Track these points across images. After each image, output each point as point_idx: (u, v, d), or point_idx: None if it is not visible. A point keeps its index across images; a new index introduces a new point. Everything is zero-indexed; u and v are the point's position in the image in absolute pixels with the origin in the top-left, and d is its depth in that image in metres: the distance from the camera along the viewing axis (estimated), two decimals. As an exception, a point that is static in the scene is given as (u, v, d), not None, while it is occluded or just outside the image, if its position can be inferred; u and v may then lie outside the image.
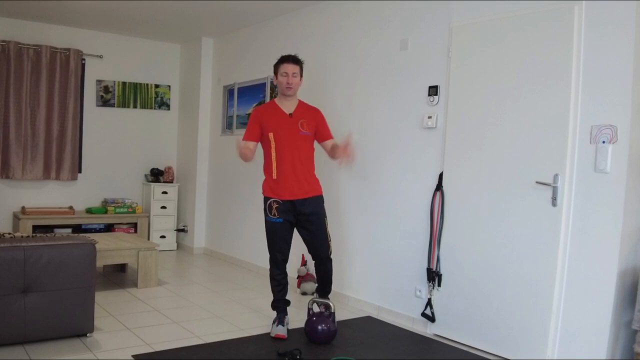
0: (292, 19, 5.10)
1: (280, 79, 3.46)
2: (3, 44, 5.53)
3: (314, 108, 3.65)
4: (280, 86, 3.49)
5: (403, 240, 3.89)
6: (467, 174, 3.45)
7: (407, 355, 3.22)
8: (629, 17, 2.72)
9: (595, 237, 2.84)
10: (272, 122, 3.46)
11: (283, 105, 3.52)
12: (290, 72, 3.44)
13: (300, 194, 3.45)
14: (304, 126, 3.48)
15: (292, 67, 3.45)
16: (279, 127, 3.45)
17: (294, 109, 3.52)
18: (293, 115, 3.49)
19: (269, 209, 3.50)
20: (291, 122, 3.47)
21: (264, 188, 3.57)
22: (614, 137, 2.77)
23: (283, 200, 3.45)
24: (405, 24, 3.94)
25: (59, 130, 5.88)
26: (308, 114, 3.56)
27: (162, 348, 3.14)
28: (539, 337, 3.03)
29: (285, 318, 3.55)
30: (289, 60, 3.47)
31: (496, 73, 3.30)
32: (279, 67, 3.48)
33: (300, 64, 3.52)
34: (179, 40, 6.59)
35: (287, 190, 3.44)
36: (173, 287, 4.63)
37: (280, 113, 3.49)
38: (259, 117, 3.50)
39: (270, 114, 3.50)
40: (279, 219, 3.46)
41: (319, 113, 3.63)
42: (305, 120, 3.50)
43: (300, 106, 3.57)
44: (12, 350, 2.96)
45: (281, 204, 3.45)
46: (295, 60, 3.49)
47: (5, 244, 2.95)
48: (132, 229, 6.14)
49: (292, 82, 3.45)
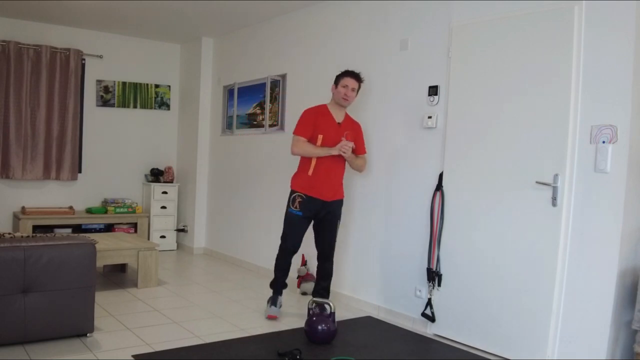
0: (292, 19, 5.10)
1: (340, 89, 3.74)
2: (3, 44, 5.53)
3: (357, 122, 3.94)
4: (337, 95, 3.76)
5: (403, 240, 3.90)
6: (467, 174, 3.45)
7: (407, 355, 3.22)
8: (629, 17, 2.72)
9: (595, 237, 2.84)
10: (324, 126, 3.75)
11: (334, 112, 3.81)
12: (351, 86, 3.73)
13: (327, 196, 3.75)
14: (348, 137, 3.76)
15: (353, 82, 3.74)
16: (328, 131, 3.74)
17: (343, 119, 3.83)
18: (342, 124, 3.80)
19: (292, 201, 3.78)
20: (339, 130, 3.77)
21: (294, 181, 3.83)
22: (614, 137, 2.77)
23: (308, 196, 3.72)
24: (405, 24, 3.94)
25: (59, 130, 5.88)
26: (352, 127, 3.86)
27: (162, 348, 3.14)
28: (539, 337, 3.03)
29: (278, 299, 3.90)
30: (353, 75, 3.76)
31: (496, 73, 3.30)
32: (343, 78, 3.75)
33: (361, 82, 3.80)
34: (179, 40, 6.60)
35: (317, 189, 3.72)
36: (173, 287, 4.63)
37: (331, 119, 3.78)
38: (313, 118, 3.76)
39: (323, 117, 3.77)
40: (299, 212, 3.74)
41: (360, 128, 3.93)
42: (350, 133, 3.80)
43: (347, 118, 3.88)
44: (12, 350, 2.96)
45: (305, 199, 3.73)
46: (358, 77, 3.78)
47: (5, 244, 2.95)
48: (132, 229, 6.14)
49: (349, 95, 3.74)
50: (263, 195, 5.38)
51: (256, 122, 5.56)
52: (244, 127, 5.73)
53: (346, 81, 3.72)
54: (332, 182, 3.76)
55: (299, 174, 3.81)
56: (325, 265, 3.91)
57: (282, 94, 5.18)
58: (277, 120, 5.23)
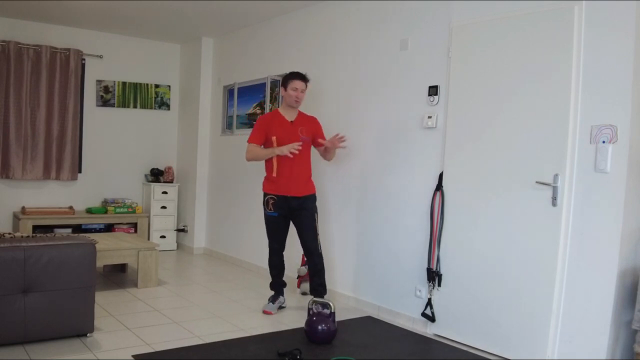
0: (292, 19, 5.10)
1: (290, 92, 3.87)
2: (3, 44, 5.53)
3: (312, 117, 4.08)
4: (288, 99, 3.90)
5: (403, 240, 3.90)
6: (467, 173, 3.45)
7: (407, 355, 3.22)
8: (629, 17, 2.72)
9: (595, 237, 2.84)
10: (276, 127, 3.88)
11: (286, 114, 3.95)
12: (300, 88, 3.88)
13: (295, 192, 3.86)
14: (303, 132, 3.91)
15: (302, 84, 3.89)
16: (281, 132, 3.86)
17: (295, 118, 3.96)
18: (294, 122, 3.93)
19: (266, 204, 3.95)
20: (292, 128, 3.90)
21: (264, 185, 3.99)
22: (614, 137, 2.77)
23: (278, 196, 3.87)
24: (405, 24, 3.94)
25: (59, 130, 5.88)
26: (307, 122, 3.99)
27: (162, 348, 3.14)
28: (539, 337, 3.03)
29: (277, 298, 4.04)
30: (300, 77, 3.91)
31: (496, 73, 3.30)
32: (291, 81, 3.88)
33: (308, 82, 3.97)
34: (179, 40, 6.60)
35: (283, 187, 3.86)
36: (173, 287, 4.63)
37: (283, 120, 3.92)
38: (264, 124, 3.91)
39: (275, 121, 3.91)
40: (274, 213, 3.91)
41: (316, 121, 4.07)
42: (304, 128, 3.93)
43: (300, 115, 4.00)
44: (12, 350, 2.96)
45: (277, 200, 3.88)
46: (305, 78, 3.94)
47: (5, 244, 2.95)
48: (132, 229, 6.14)
49: (300, 97, 3.90)
50: (263, 195, 5.37)
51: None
52: (244, 127, 5.73)
53: (296, 84, 3.86)
54: (297, 179, 3.86)
55: (266, 176, 3.97)
56: (314, 261, 3.89)
57: (282, 94, 5.18)
58: (277, 120, 5.22)
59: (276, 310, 3.99)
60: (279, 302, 4.04)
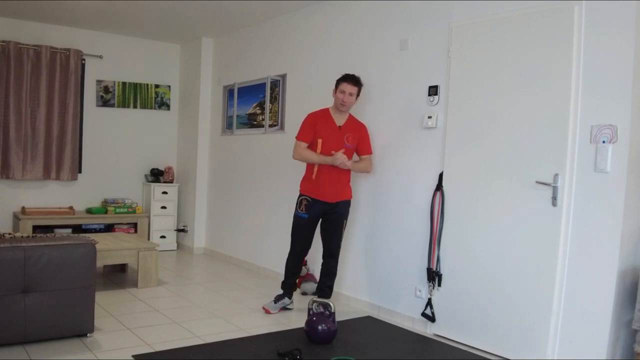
0: (291, 19, 5.10)
1: (338, 95, 3.77)
2: (3, 44, 5.53)
3: (361, 124, 3.95)
4: (336, 101, 3.80)
5: (403, 240, 3.90)
6: (467, 173, 3.45)
7: (407, 355, 3.22)
8: (629, 17, 2.72)
9: (595, 237, 2.84)
10: (324, 130, 3.80)
11: (335, 116, 3.85)
12: (348, 91, 3.74)
13: (330, 198, 3.83)
14: (349, 139, 3.83)
15: (350, 87, 3.75)
16: (328, 135, 3.79)
17: (344, 123, 3.86)
18: (342, 128, 3.84)
19: (299, 204, 3.89)
20: (339, 134, 3.82)
21: (301, 185, 3.93)
22: (614, 137, 2.77)
23: (313, 199, 3.82)
24: (405, 24, 3.94)
25: (59, 130, 5.88)
26: (354, 129, 3.88)
27: (162, 348, 3.14)
28: (539, 337, 3.03)
29: (282, 299, 3.98)
30: (351, 80, 3.76)
31: (496, 73, 3.30)
32: (340, 84, 3.77)
33: (360, 86, 3.80)
34: (179, 40, 6.60)
35: (320, 191, 3.81)
36: (173, 287, 4.63)
37: (331, 123, 3.83)
38: (314, 122, 3.82)
39: (324, 121, 3.83)
40: (305, 215, 3.85)
41: (364, 129, 3.94)
42: (351, 135, 3.85)
43: (350, 120, 3.90)
44: (12, 350, 2.96)
45: (311, 202, 3.83)
46: (356, 81, 3.77)
47: (5, 244, 2.95)
48: (132, 229, 6.14)
49: (347, 101, 3.76)
50: (263, 195, 5.38)
51: (256, 122, 5.56)
52: (244, 127, 5.73)
53: (344, 87, 3.75)
54: (335, 185, 3.82)
55: (305, 177, 3.92)
56: (330, 264, 3.95)
57: (282, 94, 5.18)
58: (277, 120, 5.23)
59: (276, 310, 3.98)
60: (282, 302, 3.99)
